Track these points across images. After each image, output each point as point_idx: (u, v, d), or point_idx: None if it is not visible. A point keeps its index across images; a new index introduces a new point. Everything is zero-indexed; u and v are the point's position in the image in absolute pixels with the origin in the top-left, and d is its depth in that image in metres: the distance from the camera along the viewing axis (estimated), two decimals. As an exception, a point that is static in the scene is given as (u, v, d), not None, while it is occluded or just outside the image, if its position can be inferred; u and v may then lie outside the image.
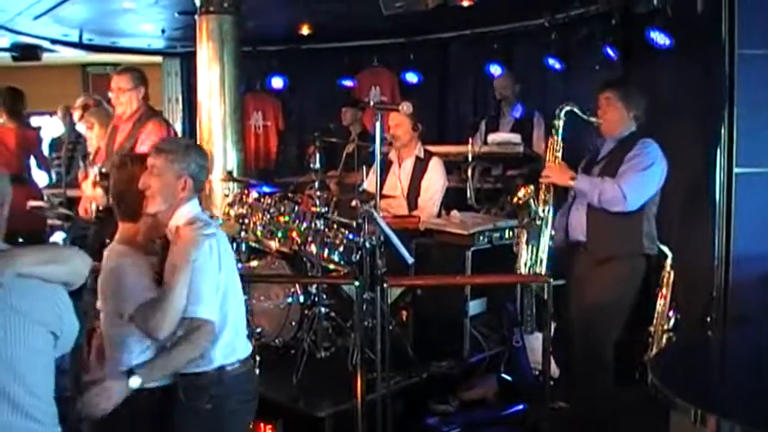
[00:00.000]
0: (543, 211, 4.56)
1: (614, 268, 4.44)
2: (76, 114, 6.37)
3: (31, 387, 2.36)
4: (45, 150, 7.94)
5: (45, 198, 6.55)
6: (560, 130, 4.58)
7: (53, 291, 2.44)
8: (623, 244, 4.45)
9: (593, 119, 4.57)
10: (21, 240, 4.60)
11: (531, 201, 4.53)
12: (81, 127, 6.23)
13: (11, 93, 7.40)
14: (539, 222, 4.55)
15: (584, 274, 4.54)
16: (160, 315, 2.83)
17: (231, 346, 3.08)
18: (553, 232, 4.64)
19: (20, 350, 2.33)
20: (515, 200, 4.61)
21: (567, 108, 4.57)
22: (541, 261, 4.57)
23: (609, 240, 4.43)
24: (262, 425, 4.45)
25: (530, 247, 4.59)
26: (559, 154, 4.56)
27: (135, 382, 2.77)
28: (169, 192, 3.04)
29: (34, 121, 8.27)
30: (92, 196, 5.18)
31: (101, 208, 5.11)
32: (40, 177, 7.68)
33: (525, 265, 4.59)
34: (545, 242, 4.58)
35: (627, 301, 4.50)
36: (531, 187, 4.57)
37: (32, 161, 7.56)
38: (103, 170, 5.07)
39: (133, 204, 3.10)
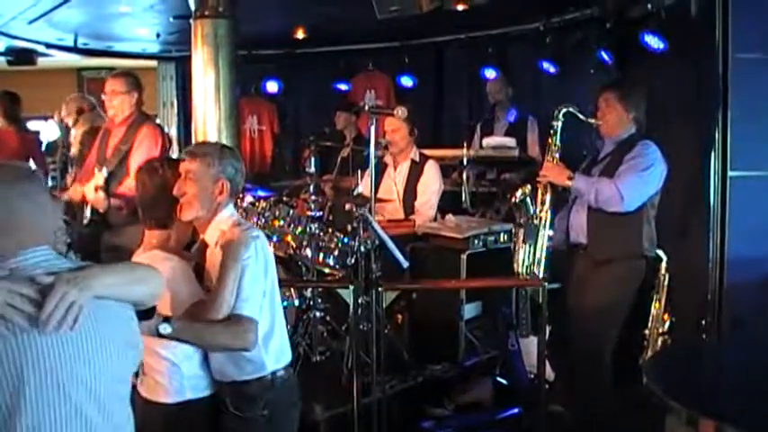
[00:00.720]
0: (541, 210, 4.55)
1: (614, 270, 4.43)
2: (71, 119, 6.40)
3: (112, 416, 2.14)
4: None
5: None
6: (558, 131, 4.57)
7: (123, 307, 2.22)
8: (623, 246, 4.44)
9: (591, 120, 4.56)
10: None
11: (528, 199, 4.52)
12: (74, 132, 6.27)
13: (8, 97, 7.45)
14: (536, 222, 4.54)
15: (584, 275, 4.53)
16: (213, 315, 2.75)
17: (281, 351, 3.02)
18: (552, 233, 4.64)
19: (107, 379, 2.11)
20: (512, 198, 4.60)
21: (566, 109, 4.57)
22: (539, 262, 4.56)
23: (609, 242, 4.43)
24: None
25: (527, 246, 4.57)
26: (557, 154, 4.55)
27: (165, 329, 2.58)
28: (206, 196, 2.95)
29: (30, 125, 8.26)
30: (93, 200, 5.12)
31: (101, 211, 5.09)
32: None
33: (522, 264, 4.57)
34: (543, 242, 4.56)
35: (626, 302, 4.50)
36: (529, 186, 4.56)
37: (32, 165, 7.59)
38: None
39: (165, 211, 2.99)
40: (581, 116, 4.58)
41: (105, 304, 2.11)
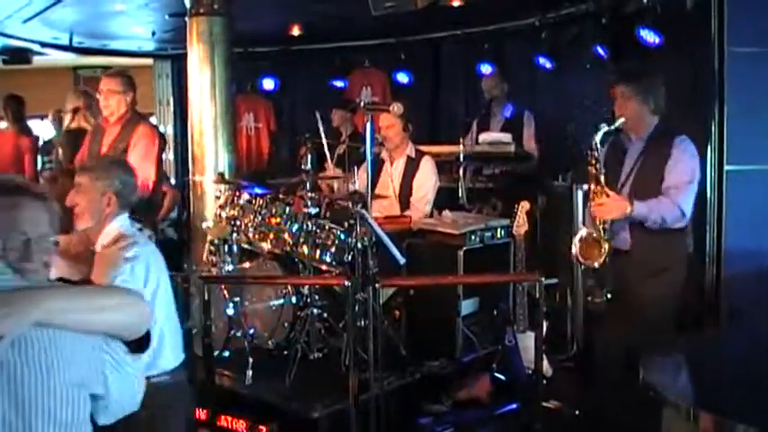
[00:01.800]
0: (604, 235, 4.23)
1: (668, 278, 4.21)
2: (67, 119, 6.40)
3: None
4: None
5: None
6: (601, 158, 4.19)
7: (84, 340, 1.94)
8: (672, 252, 4.25)
9: (617, 123, 4.22)
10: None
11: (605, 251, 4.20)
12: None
13: (15, 100, 7.74)
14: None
15: (633, 280, 4.25)
16: None
17: (155, 357, 3.12)
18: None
19: (41, 420, 1.85)
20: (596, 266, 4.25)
21: (602, 131, 4.17)
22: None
23: (657, 249, 4.19)
24: (256, 426, 4.45)
25: None
26: (604, 184, 4.15)
27: None
28: (95, 208, 3.17)
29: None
30: None
31: None
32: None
33: None
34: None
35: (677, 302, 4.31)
36: (603, 255, 4.18)
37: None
38: None
39: (66, 217, 3.11)
40: (611, 128, 4.22)
41: (59, 335, 1.87)
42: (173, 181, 9.00)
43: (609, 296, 4.29)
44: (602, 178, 4.16)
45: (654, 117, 4.26)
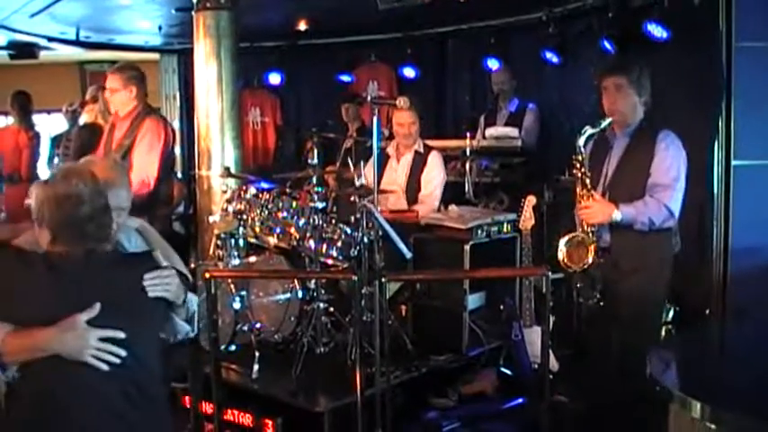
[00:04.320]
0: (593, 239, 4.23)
1: (647, 278, 4.19)
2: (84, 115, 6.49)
3: None
4: (46, 149, 8.04)
5: None
6: (586, 162, 4.21)
7: None
8: (655, 251, 4.21)
9: (604, 123, 4.21)
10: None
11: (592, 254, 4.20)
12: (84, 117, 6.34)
13: (22, 96, 7.90)
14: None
15: (615, 279, 4.25)
16: None
17: None
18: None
19: None
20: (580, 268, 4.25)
21: (585, 135, 4.18)
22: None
23: (639, 248, 4.18)
24: (262, 420, 4.46)
25: None
26: (590, 186, 4.17)
27: None
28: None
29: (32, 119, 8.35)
30: None
31: None
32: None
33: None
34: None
35: (662, 301, 4.38)
36: (590, 258, 4.19)
37: (40, 160, 7.86)
38: None
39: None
40: (596, 130, 4.21)
41: None
42: (179, 175, 9.00)
43: (599, 297, 4.26)
44: (588, 181, 4.16)
45: (642, 110, 4.23)
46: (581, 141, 4.16)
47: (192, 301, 2.93)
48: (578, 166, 4.17)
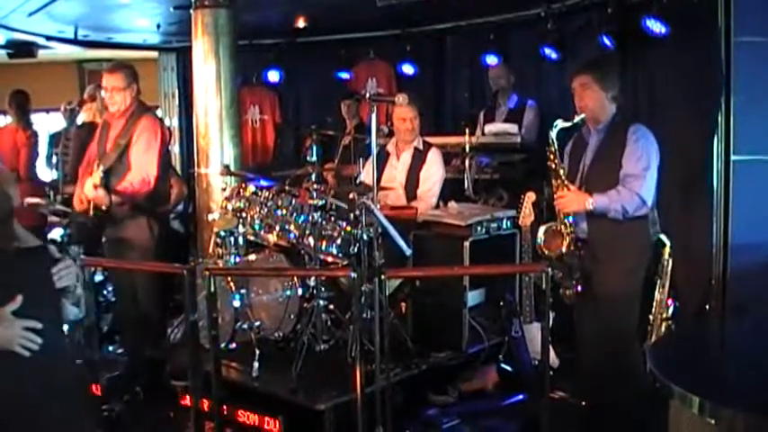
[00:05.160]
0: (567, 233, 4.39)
1: (623, 266, 4.31)
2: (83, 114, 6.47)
3: None
4: (44, 147, 8.03)
5: (47, 195, 6.54)
6: (557, 153, 4.39)
7: None
8: (631, 239, 4.32)
9: (577, 118, 4.39)
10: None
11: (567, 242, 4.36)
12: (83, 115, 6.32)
13: (21, 96, 7.84)
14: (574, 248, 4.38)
15: (593, 269, 4.38)
16: None
17: None
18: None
19: None
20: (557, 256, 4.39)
21: (556, 129, 4.36)
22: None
23: (615, 237, 4.29)
24: (263, 418, 4.46)
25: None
26: (564, 177, 4.36)
27: None
28: None
29: (30, 118, 8.34)
30: (94, 198, 5.08)
31: (104, 208, 5.07)
32: (46, 174, 7.92)
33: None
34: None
35: (639, 289, 4.44)
36: (565, 246, 4.36)
37: (39, 159, 7.97)
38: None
39: None
40: (569, 123, 4.40)
41: None
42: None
43: (575, 284, 4.39)
44: (562, 172, 4.36)
45: (612, 106, 4.38)
46: (553, 134, 4.36)
47: (79, 286, 3.08)
48: (552, 157, 4.38)
